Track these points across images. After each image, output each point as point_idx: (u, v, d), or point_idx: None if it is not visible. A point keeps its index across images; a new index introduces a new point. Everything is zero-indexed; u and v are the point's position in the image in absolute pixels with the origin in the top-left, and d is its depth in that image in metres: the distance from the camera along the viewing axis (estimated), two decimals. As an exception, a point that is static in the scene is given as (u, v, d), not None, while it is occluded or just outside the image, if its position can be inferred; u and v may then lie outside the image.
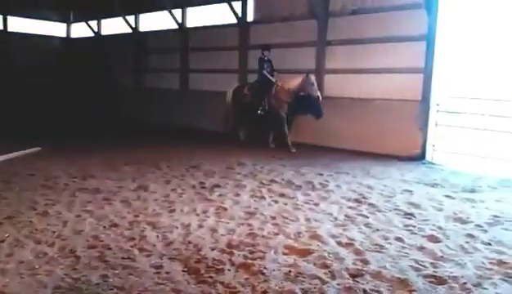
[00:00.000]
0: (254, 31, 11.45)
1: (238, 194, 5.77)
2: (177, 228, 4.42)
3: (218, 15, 12.45)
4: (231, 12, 11.65)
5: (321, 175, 7.07)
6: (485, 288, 3.19)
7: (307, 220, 4.78)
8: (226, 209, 5.12)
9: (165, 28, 14.00)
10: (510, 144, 7.67)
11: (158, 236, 4.19)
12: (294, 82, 9.18)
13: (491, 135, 8.23)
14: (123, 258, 3.68)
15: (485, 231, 4.46)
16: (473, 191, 6.17)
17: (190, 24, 13.41)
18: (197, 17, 13.20)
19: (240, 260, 3.65)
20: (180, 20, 13.36)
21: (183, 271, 3.44)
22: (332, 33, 9.84)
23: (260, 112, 9.57)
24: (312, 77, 8.99)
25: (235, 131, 10.50)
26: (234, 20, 11.80)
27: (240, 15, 11.67)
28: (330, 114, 9.12)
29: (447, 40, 8.34)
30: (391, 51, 8.91)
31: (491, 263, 3.63)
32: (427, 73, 8.31)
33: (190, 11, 13.37)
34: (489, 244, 4.09)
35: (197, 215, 4.89)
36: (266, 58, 9.57)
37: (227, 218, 4.78)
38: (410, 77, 8.59)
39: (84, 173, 6.89)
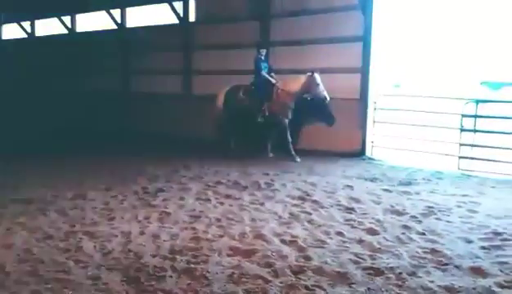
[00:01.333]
0: (197, 31, 11.33)
1: (183, 198, 5.67)
2: (116, 236, 4.25)
3: (160, 16, 12.19)
4: (172, 13, 11.45)
5: (267, 174, 7.12)
6: (419, 277, 3.35)
7: (253, 220, 4.78)
8: (169, 214, 5.00)
9: (104, 28, 13.48)
10: (443, 138, 8.16)
11: (95, 246, 4.00)
12: (297, 83, 8.39)
13: (425, 130, 8.70)
14: (57, 271, 3.48)
15: (420, 222, 4.70)
16: (409, 184, 6.49)
17: (130, 24, 13.01)
18: (138, 17, 12.83)
19: (183, 265, 3.57)
20: (119, 21, 12.92)
21: (122, 281, 3.31)
22: (275, 34, 9.96)
23: (260, 119, 8.55)
24: (318, 76, 8.17)
25: (226, 140, 9.27)
26: (176, 21, 11.60)
27: (181, 15, 11.49)
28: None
29: (383, 40, 8.74)
30: (330, 52, 9.16)
31: (424, 252, 3.83)
32: (364, 72, 8.65)
33: (129, 11, 12.97)
34: (423, 234, 4.32)
35: (139, 221, 4.73)
36: (262, 57, 8.65)
37: (171, 223, 4.67)
38: (349, 76, 8.89)
39: (17, 182, 6.45)
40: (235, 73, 9.83)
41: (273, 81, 8.57)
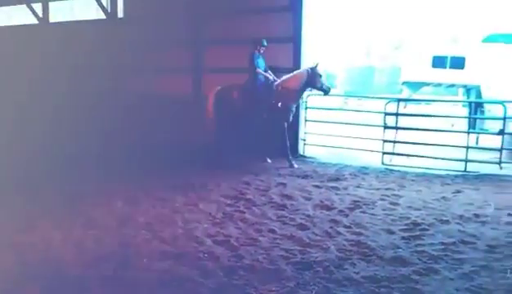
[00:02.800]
0: (125, 28, 10.90)
1: (111, 202, 5.41)
2: (36, 244, 3.95)
3: (85, 10, 11.57)
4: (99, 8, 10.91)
5: (202, 174, 7.05)
6: (345, 269, 3.49)
7: (186, 222, 4.70)
8: (96, 220, 4.75)
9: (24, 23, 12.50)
10: (369, 135, 8.60)
11: (12, 256, 3.68)
12: (297, 79, 7.78)
13: (354, 128, 9.12)
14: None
15: (347, 216, 4.91)
16: (337, 180, 6.76)
17: (53, 18, 12.18)
18: (61, 11, 12.06)
19: (109, 273, 3.41)
20: (41, 15, 12.05)
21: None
22: (209, 33, 9.87)
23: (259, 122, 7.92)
24: (319, 68, 7.75)
25: (217, 146, 8.33)
26: (102, 16, 11.08)
27: (108, 10, 10.99)
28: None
29: (313, 40, 9.03)
30: (264, 52, 9.27)
31: (351, 245, 4.01)
32: (295, 72, 8.86)
33: (53, 5, 12.15)
34: (350, 227, 4.51)
35: (61, 228, 4.44)
36: (259, 54, 7.90)
37: (97, 229, 4.44)
38: (282, 76, 9.05)
39: None
40: (167, 73, 9.60)
41: (272, 78, 7.92)
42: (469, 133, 8.39)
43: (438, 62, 15.73)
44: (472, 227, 4.52)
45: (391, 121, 8.35)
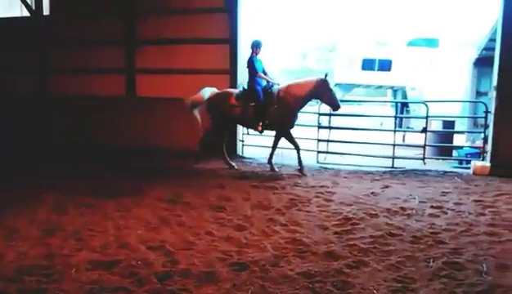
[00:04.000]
0: (52, 26, 10.26)
1: (35, 211, 5.04)
2: None
3: (8, 8, 10.74)
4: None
5: (135, 177, 6.81)
6: (281, 266, 3.53)
7: (117, 228, 4.50)
8: (19, 230, 4.39)
9: None
10: (305, 135, 8.84)
11: None
12: (304, 86, 7.29)
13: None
14: None
15: (283, 214, 4.99)
16: (275, 179, 6.87)
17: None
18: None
19: (33, 286, 3.16)
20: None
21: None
22: (142, 32, 9.58)
23: (260, 128, 7.47)
24: (329, 81, 7.24)
25: (202, 152, 7.98)
26: (26, 14, 10.35)
27: (33, 7, 10.29)
28: (142, 115, 8.91)
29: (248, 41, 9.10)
30: (200, 53, 9.20)
31: (286, 242, 4.07)
32: (232, 73, 8.89)
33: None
34: (286, 225, 4.59)
35: (-22, 242, 4.06)
36: (257, 57, 7.48)
37: (19, 240, 4.11)
38: (218, 78, 9.02)
39: None
40: (95, 73, 9.18)
41: (273, 82, 7.56)
42: (395, 131, 8.93)
43: (367, 65, 16.60)
44: (398, 220, 4.80)
45: (325, 121, 8.66)
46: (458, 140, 11.20)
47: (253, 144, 9.22)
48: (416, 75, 14.00)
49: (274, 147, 7.70)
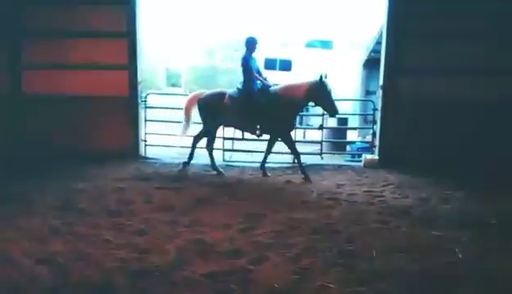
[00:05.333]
0: None
1: None
2: None
3: None
4: None
5: (24, 183, 6.14)
6: (183, 270, 3.44)
7: (-1, 242, 3.99)
8: None
9: None
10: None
11: None
12: (301, 88, 6.81)
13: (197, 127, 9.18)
14: None
15: (187, 215, 4.89)
16: (180, 180, 6.72)
17: None
18: None
19: None
20: None
21: None
22: (28, 23, 8.64)
23: (258, 132, 7.03)
24: (328, 82, 6.70)
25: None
26: None
27: None
28: (33, 114, 8.11)
29: (148, 36, 8.78)
30: (96, 47, 8.60)
31: (190, 244, 3.98)
32: (132, 69, 8.49)
33: None
34: (190, 227, 4.50)
35: None
36: (252, 56, 6.98)
37: None
38: (118, 73, 8.56)
39: None
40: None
41: (269, 84, 7.03)
42: (297, 129, 9.34)
43: (269, 64, 17.14)
44: (299, 213, 5.00)
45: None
46: (351, 135, 12.11)
47: (157, 144, 8.92)
48: (313, 75, 14.76)
49: (268, 151, 7.34)
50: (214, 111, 7.14)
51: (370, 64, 13.30)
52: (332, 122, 10.46)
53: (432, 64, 8.06)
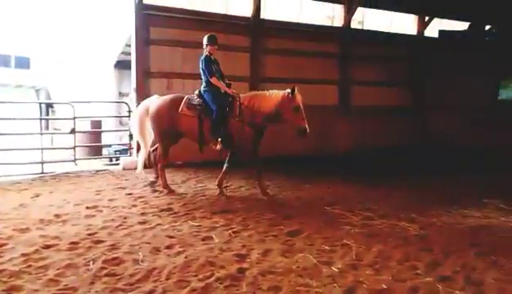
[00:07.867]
0: None
1: None
2: None
3: None
4: None
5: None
6: None
7: None
8: None
9: None
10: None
11: None
12: (271, 101, 5.78)
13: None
14: None
15: None
16: None
17: None
18: None
19: None
20: None
21: None
22: None
23: (219, 146, 5.80)
24: (299, 96, 5.67)
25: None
26: None
27: None
28: None
29: None
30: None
31: None
32: None
33: None
34: None
35: None
36: (213, 57, 5.99)
37: None
38: None
39: None
40: None
41: (229, 91, 5.93)
42: (42, 134, 8.32)
43: (2, 61, 14.60)
44: (53, 229, 4.48)
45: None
46: (107, 138, 11.70)
47: None
48: (60, 76, 13.52)
49: (228, 167, 6.18)
50: (165, 120, 6.10)
51: (122, 65, 13.14)
52: (85, 126, 9.82)
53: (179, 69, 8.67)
